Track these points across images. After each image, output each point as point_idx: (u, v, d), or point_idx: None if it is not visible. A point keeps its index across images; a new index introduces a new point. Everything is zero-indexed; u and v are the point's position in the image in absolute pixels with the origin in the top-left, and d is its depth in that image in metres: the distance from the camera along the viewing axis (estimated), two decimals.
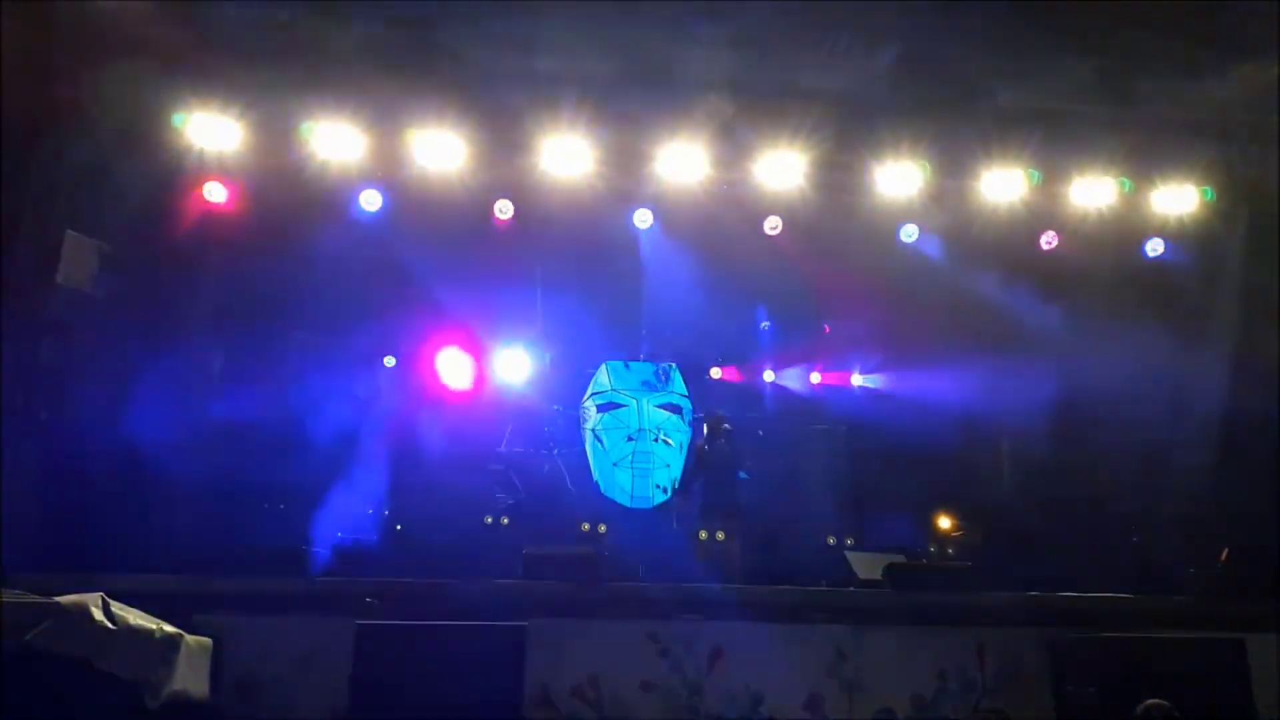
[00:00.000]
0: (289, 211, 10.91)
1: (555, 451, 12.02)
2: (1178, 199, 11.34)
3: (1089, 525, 10.95)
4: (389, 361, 12.22)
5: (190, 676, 6.35)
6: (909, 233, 11.70)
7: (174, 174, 10.51)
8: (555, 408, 12.31)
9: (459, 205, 11.07)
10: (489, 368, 12.41)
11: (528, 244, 11.77)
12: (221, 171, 10.67)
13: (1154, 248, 11.64)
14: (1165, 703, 4.65)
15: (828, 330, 13.25)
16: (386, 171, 10.90)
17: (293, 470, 10.73)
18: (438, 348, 12.29)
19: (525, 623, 6.91)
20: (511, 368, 12.30)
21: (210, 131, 10.30)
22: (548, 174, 10.96)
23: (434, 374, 12.33)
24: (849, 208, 11.56)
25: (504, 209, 11.48)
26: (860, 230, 11.69)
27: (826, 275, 11.98)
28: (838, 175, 11.26)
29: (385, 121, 10.51)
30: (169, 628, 6.37)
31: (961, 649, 7.81)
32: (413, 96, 10.33)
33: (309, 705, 7.01)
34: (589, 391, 11.96)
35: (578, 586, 7.66)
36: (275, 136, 10.53)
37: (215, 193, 10.74)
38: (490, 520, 10.93)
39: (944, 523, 12.09)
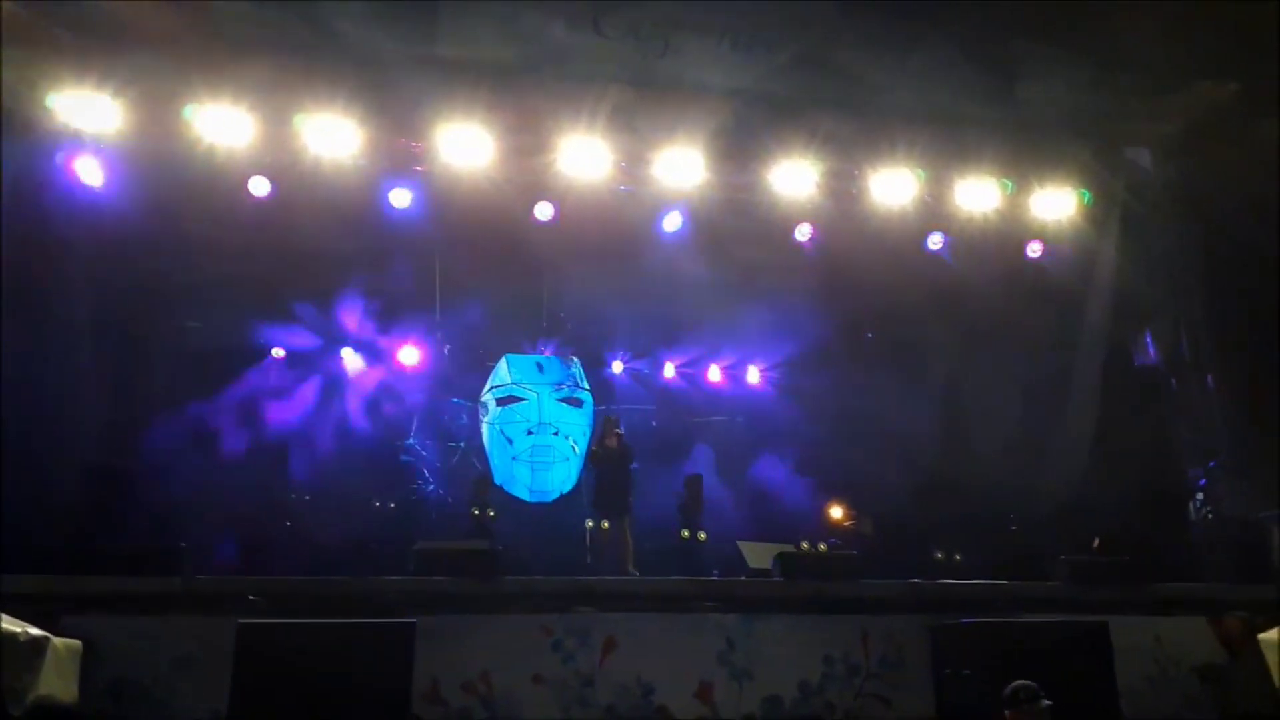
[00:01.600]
0: (173, 196, 10.48)
1: (460, 444, 11.88)
2: (1056, 202, 11.81)
3: (970, 516, 11.38)
4: (277, 353, 11.87)
5: (57, 681, 6.10)
6: (803, 231, 11.92)
7: (47, 154, 9.99)
8: (454, 401, 12.16)
9: (353, 193, 10.83)
10: (388, 359, 12.19)
11: (427, 234, 11.57)
12: (98, 152, 10.18)
13: (1034, 249, 12.11)
14: (1032, 683, 4.84)
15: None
16: (276, 157, 10.56)
17: (178, 467, 10.37)
18: (332, 339, 12.03)
19: (415, 619, 6.82)
20: (409, 358, 12.10)
21: (86, 111, 9.81)
22: (447, 163, 10.81)
23: (332, 364, 12.06)
24: (746, 204, 11.73)
25: (400, 198, 11.28)
26: (757, 227, 11.87)
27: (725, 271, 12.12)
28: (735, 171, 11.41)
29: (275, 106, 10.18)
30: (35, 631, 6.09)
31: (846, 635, 8.05)
32: (305, 80, 10.04)
33: (188, 707, 6.80)
34: (488, 385, 11.82)
35: (470, 581, 7.60)
36: (158, 117, 10.10)
37: (90, 173, 10.21)
38: (378, 504, 10.69)
39: (835, 513, 12.40)
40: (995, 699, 5.93)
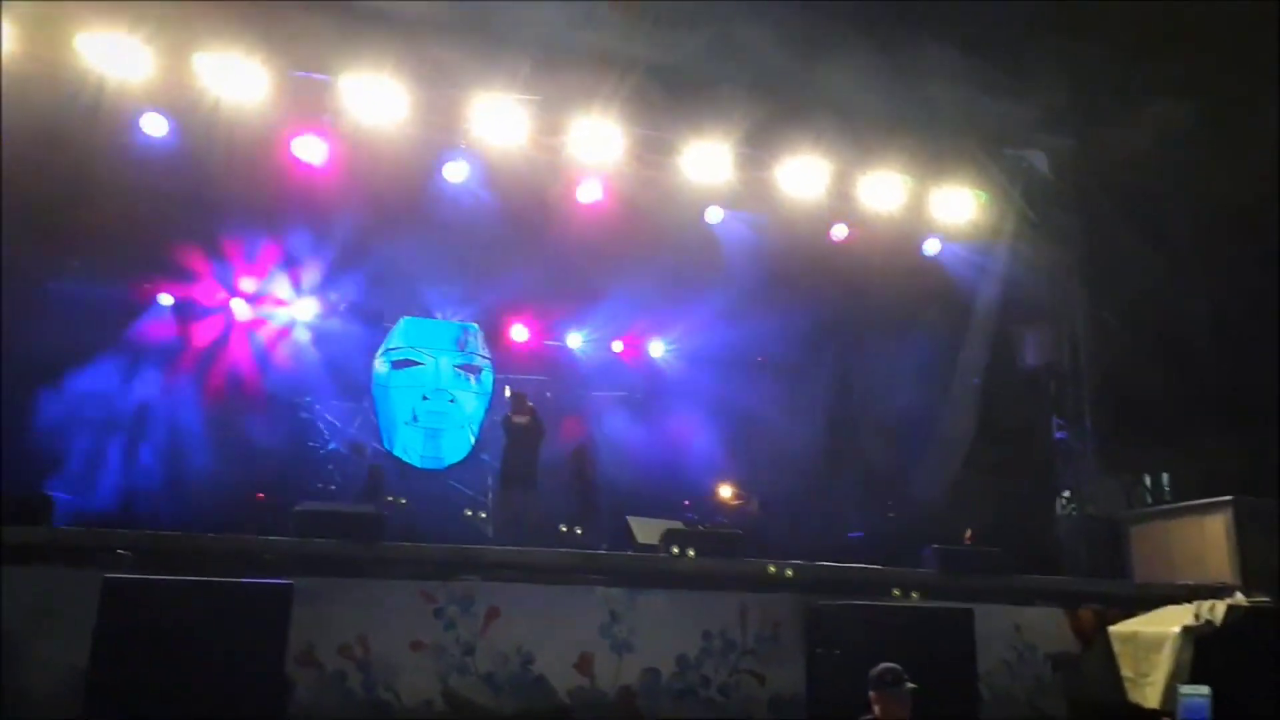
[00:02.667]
0: (59, 129, 9.91)
1: (363, 404, 11.65)
2: (955, 202, 12.18)
3: (854, 500, 11.76)
4: (165, 300, 11.42)
5: None
6: (714, 214, 12.02)
7: None
8: (352, 360, 11.89)
9: (255, 139, 10.42)
10: (283, 313, 11.86)
11: (331, 186, 11.23)
12: None
13: (932, 246, 12.48)
14: (897, 666, 5.05)
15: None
16: (175, 96, 10.07)
17: (53, 413, 9.92)
18: (226, 289, 11.63)
19: (291, 580, 6.70)
20: (305, 314, 11.78)
21: None
22: (355, 115, 10.50)
23: (224, 315, 11.67)
24: (660, 181, 11.75)
25: (307, 147, 10.94)
26: (669, 205, 11.91)
27: (636, 246, 12.13)
28: (649, 148, 11.41)
29: (174, 40, 9.70)
30: None
31: (726, 612, 8.25)
32: (204, 15, 9.58)
33: (46, 660, 6.54)
34: (384, 346, 11.59)
35: (352, 545, 7.49)
36: (45, 42, 9.51)
37: None
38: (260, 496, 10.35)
39: (725, 492, 12.64)
40: (863, 678, 6.17)
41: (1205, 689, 2.00)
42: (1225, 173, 13.83)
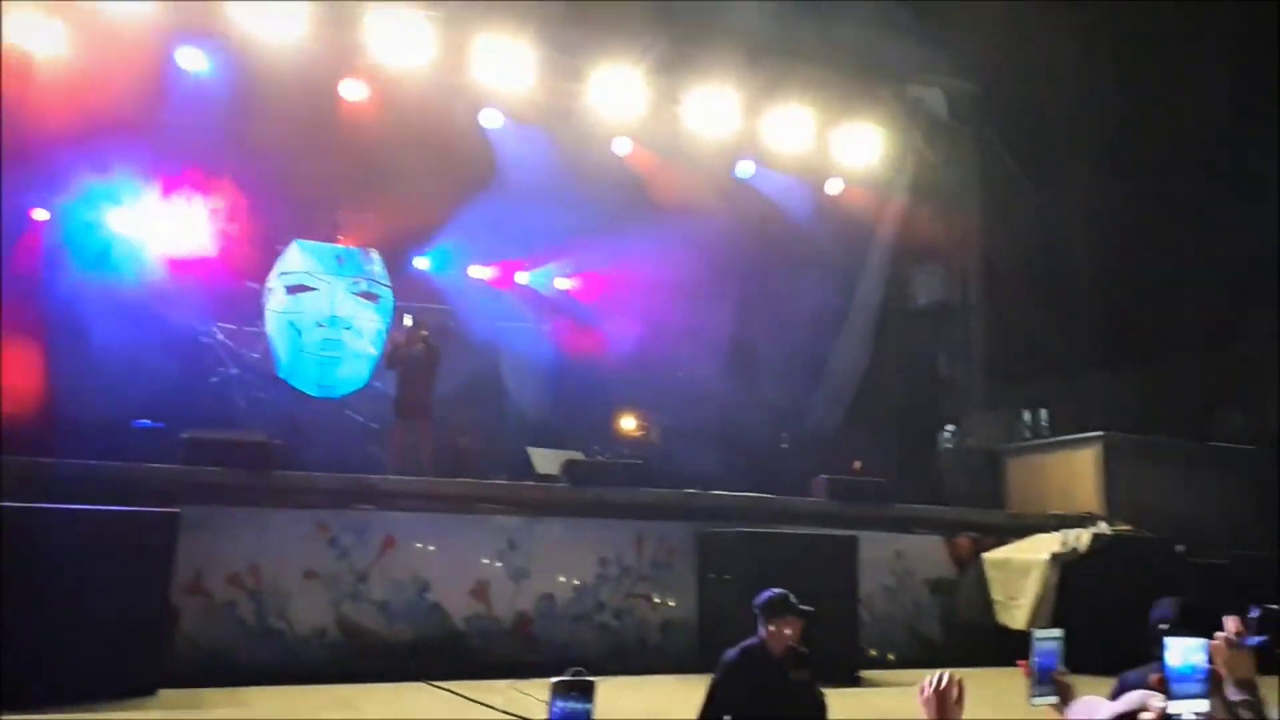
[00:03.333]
0: None
1: (260, 330, 11.25)
2: (859, 141, 12.34)
3: (749, 430, 12.03)
4: (40, 215, 10.79)
5: None
6: (621, 144, 11.93)
7: None
8: (249, 285, 11.45)
9: (142, 50, 9.85)
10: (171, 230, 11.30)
11: (223, 102, 10.70)
12: None
13: (834, 185, 12.66)
14: (785, 591, 5.24)
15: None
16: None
17: None
18: (109, 205, 11.00)
19: (178, 509, 6.56)
20: (195, 228, 11.22)
21: None
22: (249, 28, 10.00)
23: (107, 233, 11.06)
24: (567, 109, 11.57)
25: (192, 60, 10.38)
26: (576, 134, 11.76)
27: (541, 175, 11.96)
28: (558, 74, 11.21)
29: None
30: None
31: (622, 539, 8.45)
32: None
33: None
34: (276, 270, 11.15)
35: (243, 473, 7.36)
36: None
37: None
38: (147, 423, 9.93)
39: (629, 422, 12.80)
40: (749, 603, 6.41)
41: (1058, 632, 2.17)
42: (1116, 120, 14.39)
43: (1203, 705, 1.29)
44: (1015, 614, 9.02)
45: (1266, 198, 15.28)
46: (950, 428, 12.83)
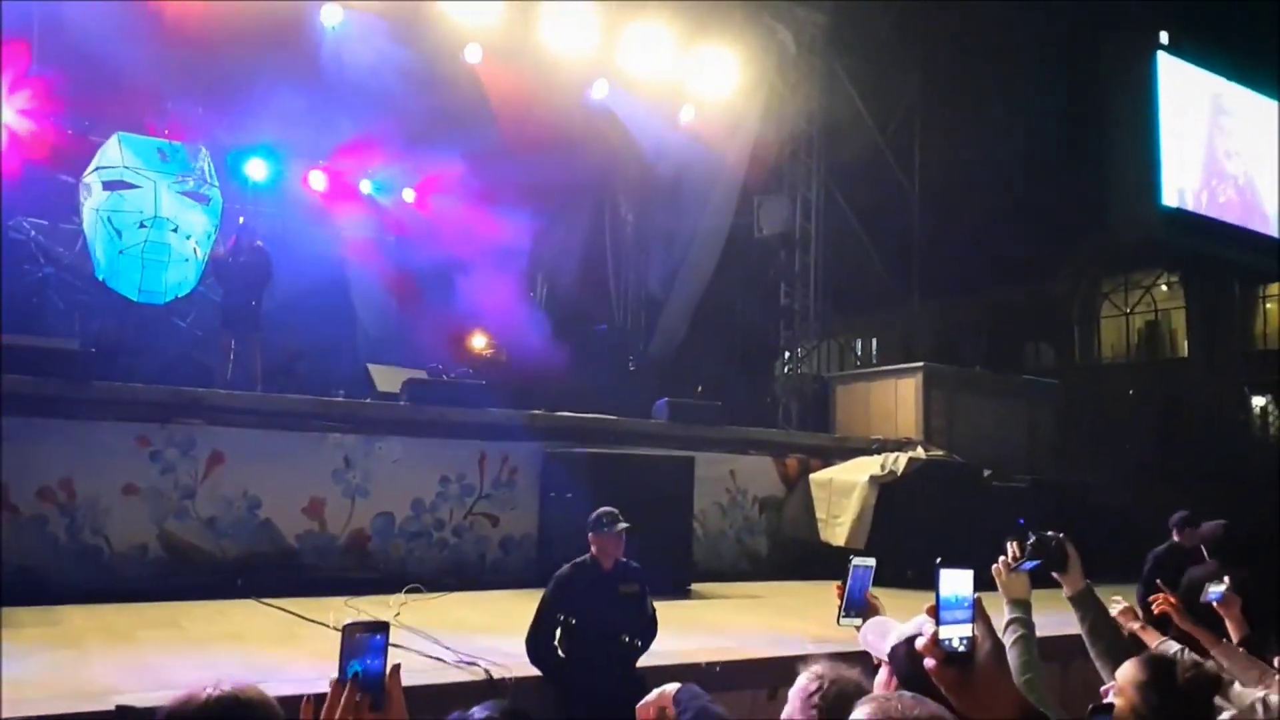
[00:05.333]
0: None
1: (79, 226, 10.37)
2: (713, 69, 12.34)
3: (600, 352, 12.17)
4: None
5: None
6: (472, 52, 11.50)
7: None
8: (63, 179, 10.49)
9: None
10: None
11: None
12: None
13: (687, 113, 12.67)
14: (612, 508, 5.38)
15: None
16: None
17: None
18: None
19: None
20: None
21: None
22: None
23: None
24: (414, 11, 11.03)
25: None
26: (425, 39, 11.24)
27: (388, 80, 11.40)
28: None
29: None
30: None
31: (464, 458, 8.43)
32: None
33: None
34: (94, 165, 10.28)
35: (56, 382, 6.87)
36: None
37: None
38: None
39: (478, 341, 12.66)
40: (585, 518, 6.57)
41: (871, 561, 2.34)
42: (950, 56, 14.99)
43: (967, 630, 1.44)
44: (837, 531, 9.59)
45: (1086, 146, 16.43)
46: (786, 354, 13.34)
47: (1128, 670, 2.40)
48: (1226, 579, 3.71)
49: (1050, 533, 2.75)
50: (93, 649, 5.12)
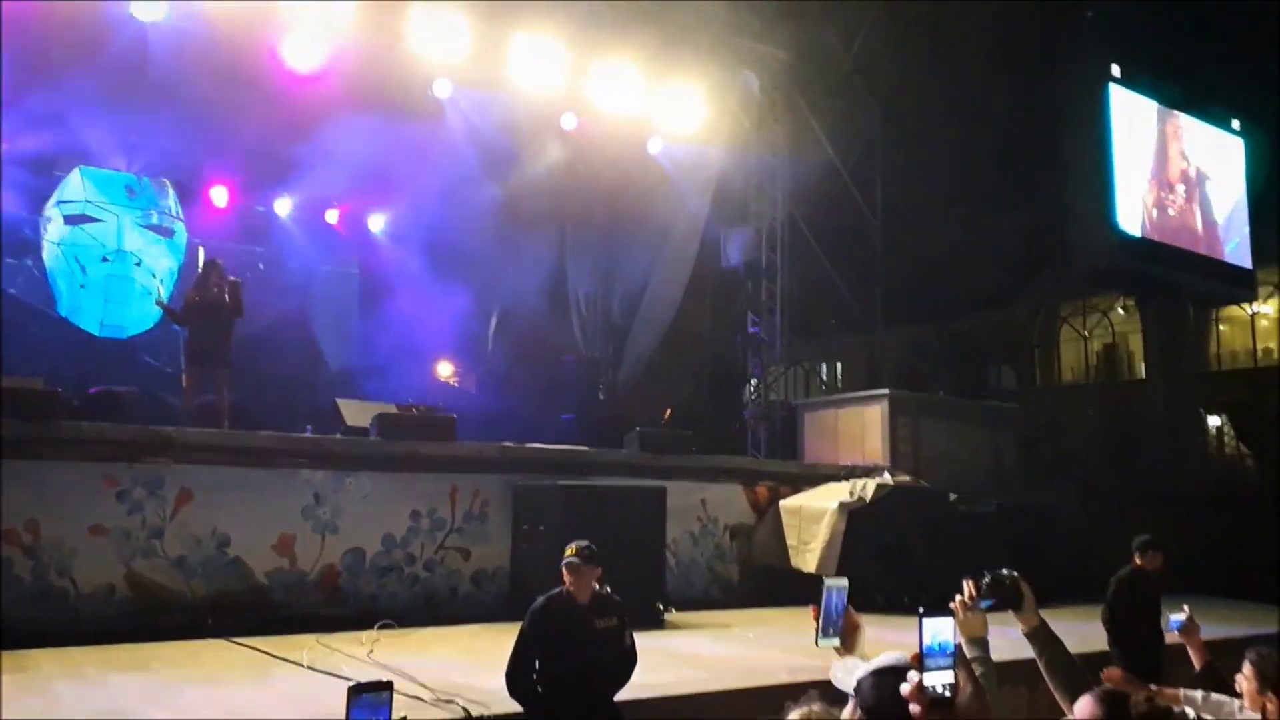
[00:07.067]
0: None
1: (27, 262, 10.24)
2: (682, 102, 12.51)
3: (569, 381, 12.21)
4: None
5: None
6: (442, 86, 11.58)
7: None
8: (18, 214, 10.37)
9: None
10: None
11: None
12: None
13: (655, 144, 12.84)
14: (586, 543, 5.41)
15: None
16: None
17: None
18: None
19: None
20: None
21: None
22: None
23: None
24: (388, 49, 11.08)
25: None
26: (396, 73, 11.29)
27: (358, 113, 11.43)
28: (378, 10, 10.70)
29: None
30: None
31: (436, 492, 8.40)
32: None
33: None
34: (55, 198, 10.20)
35: (18, 423, 6.78)
36: None
37: None
38: None
39: (443, 370, 12.67)
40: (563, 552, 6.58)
41: (844, 581, 2.39)
42: (909, 92, 15.33)
43: (949, 676, 1.52)
44: (807, 558, 9.65)
45: (1043, 176, 16.82)
46: (753, 382, 13.47)
47: (1083, 706, 2.43)
48: (1186, 608, 3.80)
49: (1005, 571, 2.82)
50: (64, 695, 5.04)
